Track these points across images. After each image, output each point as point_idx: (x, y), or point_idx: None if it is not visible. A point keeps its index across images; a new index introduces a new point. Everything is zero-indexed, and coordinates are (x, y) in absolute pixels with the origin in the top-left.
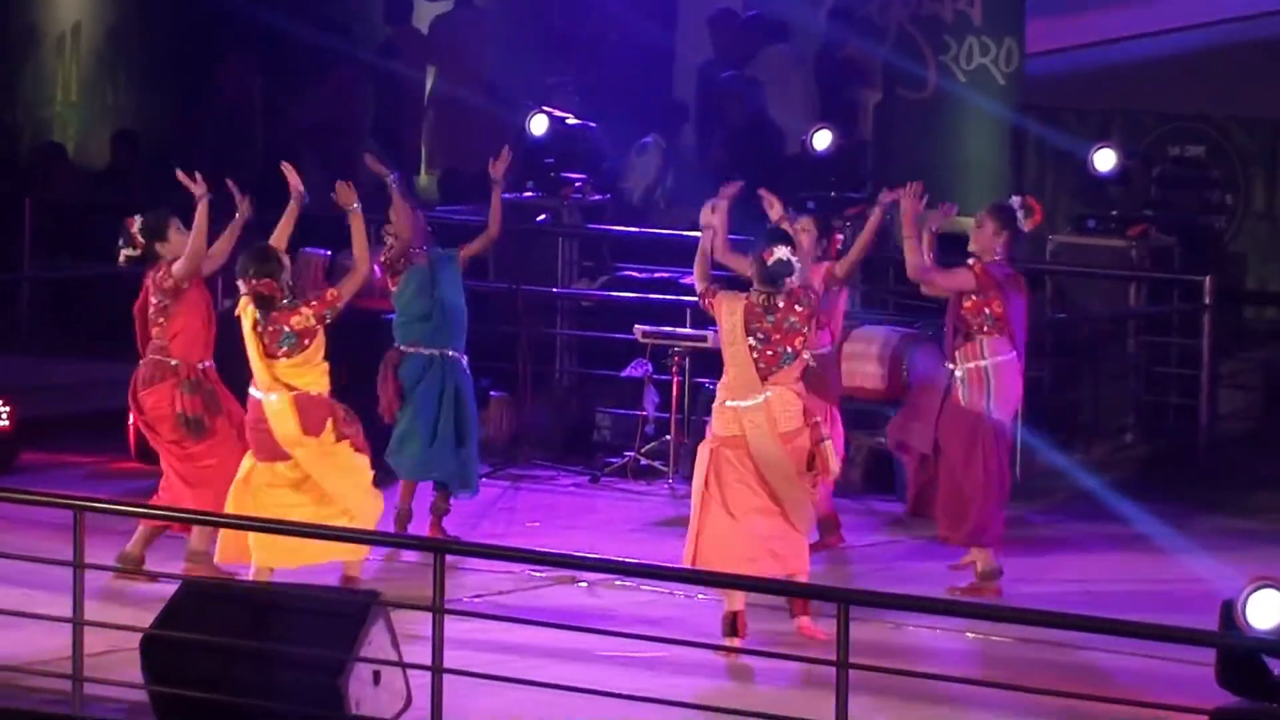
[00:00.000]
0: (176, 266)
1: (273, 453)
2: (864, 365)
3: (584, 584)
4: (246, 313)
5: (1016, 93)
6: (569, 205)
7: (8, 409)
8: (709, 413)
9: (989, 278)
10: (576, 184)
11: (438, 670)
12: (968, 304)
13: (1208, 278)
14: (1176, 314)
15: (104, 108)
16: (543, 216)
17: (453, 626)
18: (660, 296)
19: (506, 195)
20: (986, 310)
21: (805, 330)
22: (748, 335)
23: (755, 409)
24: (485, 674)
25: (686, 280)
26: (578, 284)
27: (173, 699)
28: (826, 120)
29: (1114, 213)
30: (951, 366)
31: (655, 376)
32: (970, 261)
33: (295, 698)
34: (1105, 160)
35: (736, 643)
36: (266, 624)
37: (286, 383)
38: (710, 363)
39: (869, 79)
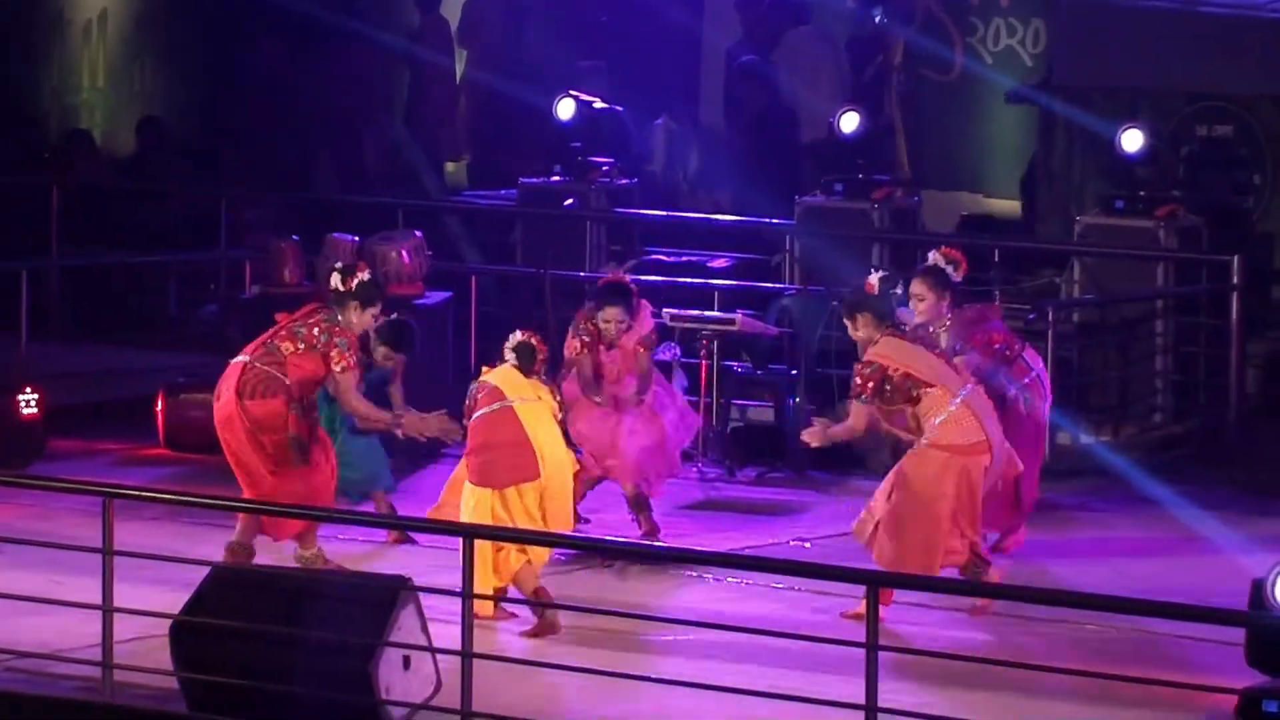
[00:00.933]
0: (343, 392)
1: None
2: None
3: (609, 566)
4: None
5: (1044, 73)
6: (596, 189)
7: (36, 396)
8: (737, 395)
9: (963, 328)
10: (604, 168)
11: (467, 655)
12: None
13: (1236, 258)
14: (1205, 294)
15: (130, 94)
16: (570, 201)
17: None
18: (689, 280)
19: (533, 180)
20: (997, 344)
21: None
22: None
23: None
24: (515, 659)
25: (715, 264)
26: (606, 268)
27: (202, 685)
28: (855, 103)
29: (1141, 193)
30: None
31: (683, 360)
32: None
33: (325, 683)
34: (1133, 141)
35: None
36: (296, 609)
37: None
38: (737, 345)
39: (895, 61)
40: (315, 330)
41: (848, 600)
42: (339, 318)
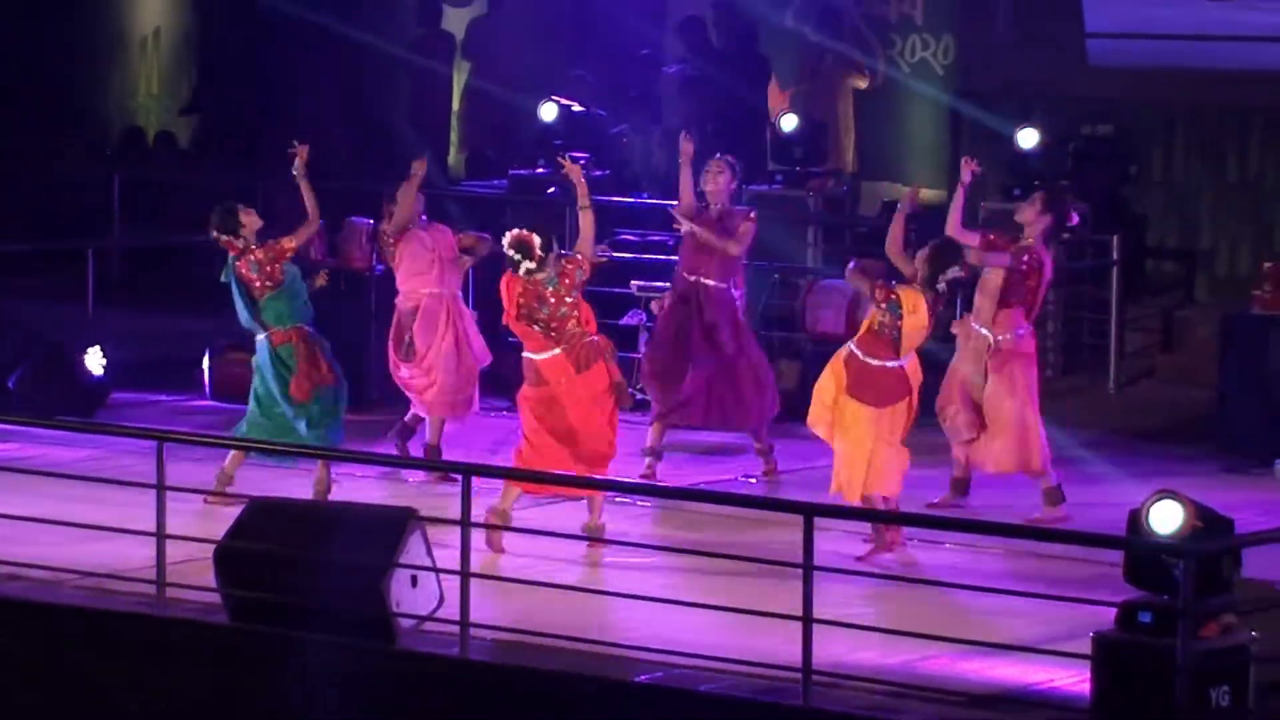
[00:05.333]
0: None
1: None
2: (826, 312)
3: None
4: None
5: (954, 81)
6: None
7: (101, 356)
8: None
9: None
10: (581, 161)
11: (465, 575)
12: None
13: (1115, 237)
14: (1089, 268)
15: (180, 100)
16: (552, 190)
17: (479, 538)
18: (653, 256)
19: (521, 171)
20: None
21: None
22: None
23: None
24: (506, 577)
25: (674, 242)
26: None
27: (242, 601)
28: (795, 107)
29: (1035, 183)
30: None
31: (648, 324)
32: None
33: (346, 598)
34: (1028, 138)
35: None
36: (321, 536)
37: None
38: None
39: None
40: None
41: (789, 528)
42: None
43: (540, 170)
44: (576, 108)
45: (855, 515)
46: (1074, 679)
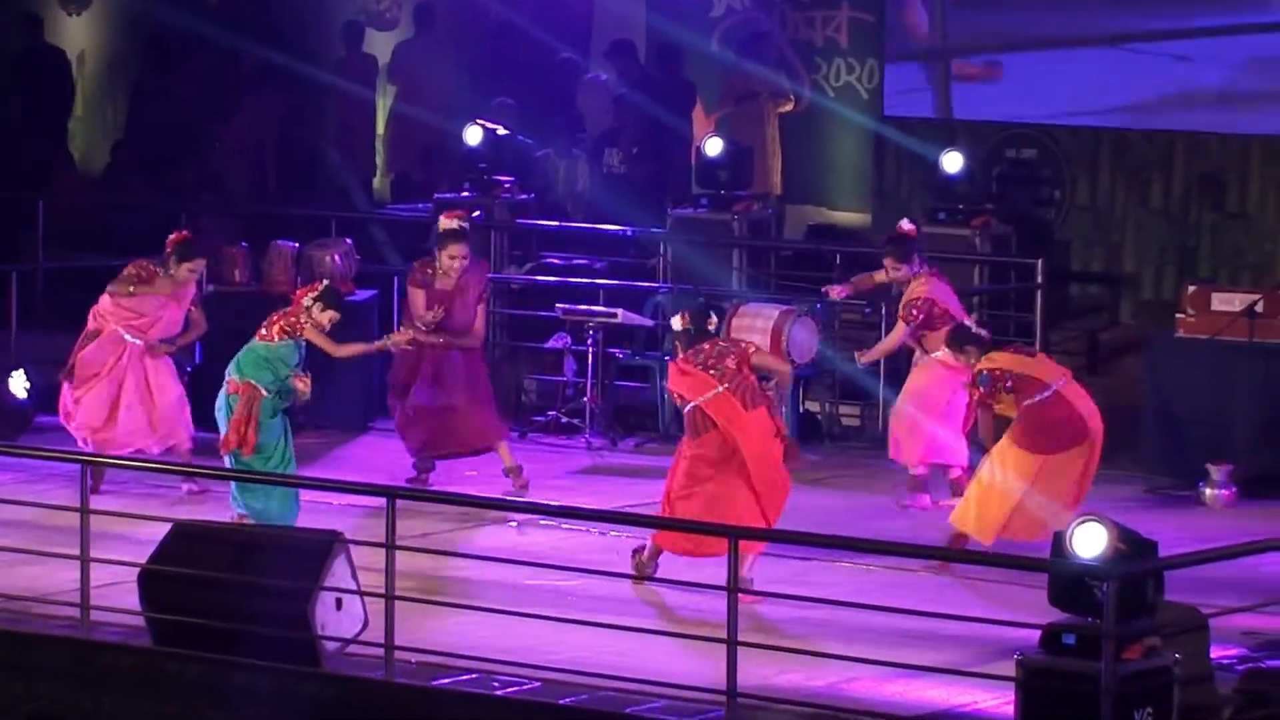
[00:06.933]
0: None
1: None
2: (751, 336)
3: (514, 524)
4: None
5: (878, 106)
6: (500, 203)
7: (25, 379)
8: (619, 377)
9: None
10: (506, 185)
11: (390, 597)
12: None
13: (1039, 261)
14: (1014, 292)
15: (104, 124)
16: (477, 213)
17: (404, 561)
18: (578, 280)
19: (447, 194)
20: None
21: None
22: None
23: None
24: (430, 599)
25: (599, 265)
26: (508, 270)
27: (166, 624)
28: (720, 131)
29: (960, 206)
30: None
31: (573, 347)
32: None
33: (270, 621)
34: (953, 163)
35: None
36: (245, 559)
37: None
38: (619, 335)
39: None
40: None
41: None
42: None
43: (465, 194)
44: (502, 131)
45: (777, 538)
46: (998, 701)
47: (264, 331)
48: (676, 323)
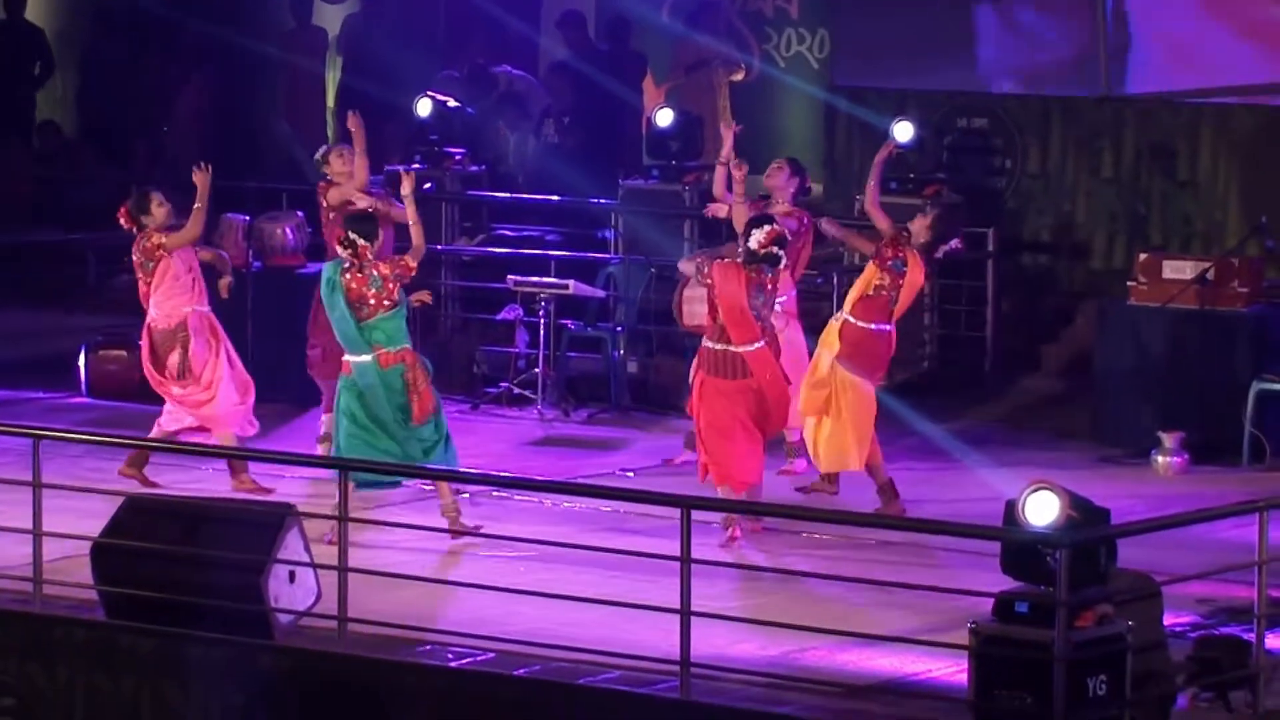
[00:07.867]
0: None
1: None
2: (701, 306)
3: (465, 495)
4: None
5: (829, 76)
6: (450, 174)
7: None
8: (571, 348)
9: None
10: (456, 157)
11: (343, 570)
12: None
13: (990, 230)
14: (965, 260)
15: (54, 98)
16: (428, 185)
17: (357, 534)
18: (529, 251)
19: (397, 167)
20: None
21: None
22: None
23: None
24: (382, 572)
25: (551, 237)
26: (459, 241)
27: (119, 597)
28: (670, 102)
29: (911, 176)
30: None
31: (525, 319)
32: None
33: (223, 594)
34: (904, 132)
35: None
36: (198, 532)
37: None
38: (571, 306)
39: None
40: None
41: (664, 522)
42: None
43: (416, 166)
44: (452, 103)
45: (732, 508)
46: (952, 669)
47: (375, 302)
48: (757, 239)
